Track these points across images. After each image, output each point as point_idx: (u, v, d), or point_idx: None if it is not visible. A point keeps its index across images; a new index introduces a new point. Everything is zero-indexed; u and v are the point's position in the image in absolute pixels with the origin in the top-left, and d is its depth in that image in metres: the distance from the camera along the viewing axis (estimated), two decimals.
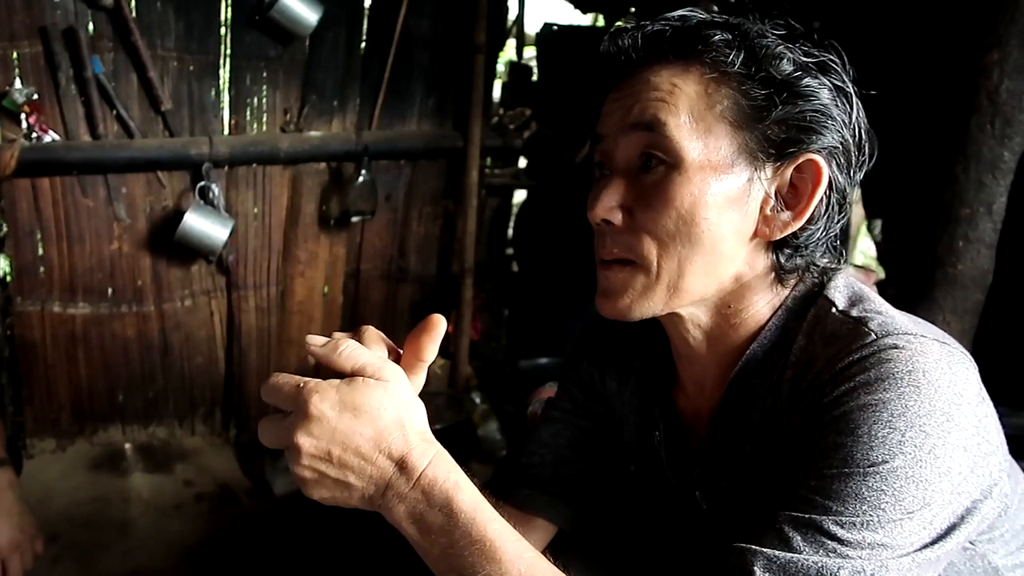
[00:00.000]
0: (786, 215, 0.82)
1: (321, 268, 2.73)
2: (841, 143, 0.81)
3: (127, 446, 2.60)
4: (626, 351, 1.06)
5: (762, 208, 0.82)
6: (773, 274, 0.86)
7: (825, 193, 0.81)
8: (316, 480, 0.68)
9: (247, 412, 2.71)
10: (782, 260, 0.85)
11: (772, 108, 0.78)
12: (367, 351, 0.70)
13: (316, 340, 0.72)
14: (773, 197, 0.81)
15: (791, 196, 0.82)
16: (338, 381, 0.67)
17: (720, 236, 0.80)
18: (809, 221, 0.82)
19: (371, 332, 0.73)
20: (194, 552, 2.19)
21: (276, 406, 0.70)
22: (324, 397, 0.66)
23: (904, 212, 1.77)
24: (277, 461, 2.45)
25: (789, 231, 0.82)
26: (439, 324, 0.72)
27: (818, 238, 0.84)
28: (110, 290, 2.46)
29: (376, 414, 0.66)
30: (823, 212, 0.83)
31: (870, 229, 1.85)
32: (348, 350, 0.69)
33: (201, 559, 2.17)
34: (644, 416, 1.03)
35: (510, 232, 3.39)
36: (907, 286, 1.78)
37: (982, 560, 0.81)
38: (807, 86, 0.79)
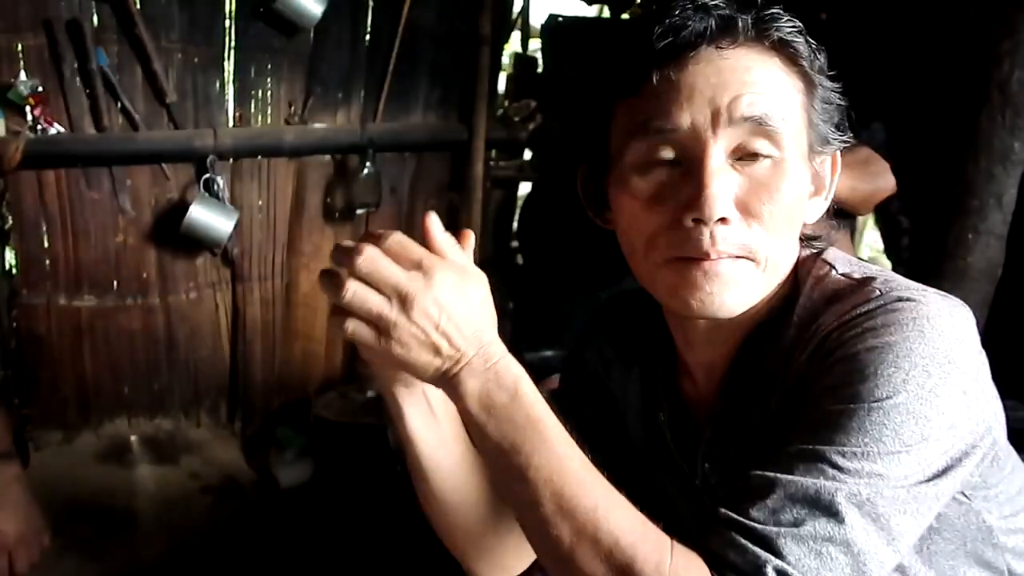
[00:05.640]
0: (818, 200, 0.88)
1: (326, 260, 2.72)
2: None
3: (133, 438, 2.60)
4: (629, 339, 1.06)
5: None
6: None
7: None
8: (404, 340, 0.72)
9: (252, 404, 2.72)
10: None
11: (831, 105, 0.85)
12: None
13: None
14: (811, 185, 0.87)
15: (816, 182, 0.87)
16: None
17: (801, 225, 0.86)
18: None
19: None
20: (200, 544, 2.20)
21: (389, 259, 0.73)
22: (448, 271, 0.73)
23: (913, 203, 1.76)
24: (282, 453, 2.46)
25: (819, 214, 0.89)
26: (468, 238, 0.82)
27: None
28: (115, 283, 2.46)
29: (478, 302, 0.75)
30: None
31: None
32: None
33: (207, 551, 2.18)
34: (648, 400, 1.03)
35: (515, 225, 3.38)
36: (916, 278, 1.76)
37: (976, 517, 0.84)
38: (841, 86, 0.85)
